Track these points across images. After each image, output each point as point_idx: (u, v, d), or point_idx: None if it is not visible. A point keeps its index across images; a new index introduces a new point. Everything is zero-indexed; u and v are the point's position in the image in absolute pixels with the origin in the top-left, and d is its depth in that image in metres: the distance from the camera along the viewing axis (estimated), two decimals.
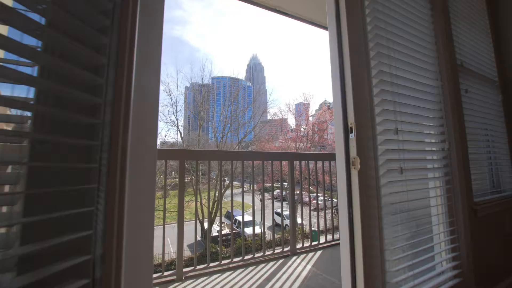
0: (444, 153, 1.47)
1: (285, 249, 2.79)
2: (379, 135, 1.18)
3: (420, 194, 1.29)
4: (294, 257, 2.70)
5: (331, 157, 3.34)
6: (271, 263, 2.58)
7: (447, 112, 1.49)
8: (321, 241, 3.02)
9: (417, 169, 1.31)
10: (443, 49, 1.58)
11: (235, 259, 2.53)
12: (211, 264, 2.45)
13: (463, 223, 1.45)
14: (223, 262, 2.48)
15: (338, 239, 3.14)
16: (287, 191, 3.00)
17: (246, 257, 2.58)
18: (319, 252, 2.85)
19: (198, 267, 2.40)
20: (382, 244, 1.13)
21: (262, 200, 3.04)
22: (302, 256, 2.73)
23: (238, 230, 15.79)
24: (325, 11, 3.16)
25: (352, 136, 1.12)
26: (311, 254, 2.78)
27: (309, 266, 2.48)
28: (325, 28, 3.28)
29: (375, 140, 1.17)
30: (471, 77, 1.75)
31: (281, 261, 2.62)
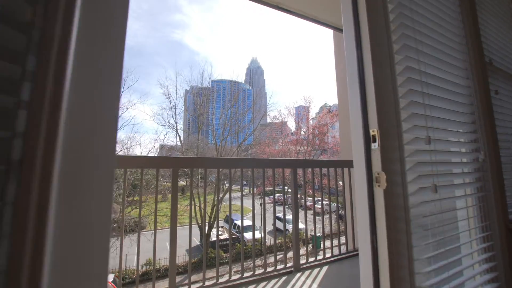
0: (477, 165, 1.25)
1: (288, 265, 2.55)
2: (407, 144, 0.96)
3: (455, 215, 1.08)
4: (298, 274, 2.46)
5: (335, 164, 3.12)
6: (273, 281, 2.35)
7: (479, 116, 1.28)
8: (326, 255, 2.78)
9: (453, 186, 1.09)
10: (471, 43, 1.37)
11: (233, 277, 2.30)
12: (207, 283, 2.21)
13: (501, 246, 1.23)
14: (221, 280, 2.25)
15: (344, 253, 2.91)
16: (288, 195, 2.78)
17: (245, 274, 2.35)
18: (325, 268, 2.61)
19: (192, 286, 2.17)
20: (413, 279, 0.92)
21: (263, 205, 2.80)
22: (307, 273, 2.50)
23: (238, 235, 15.44)
24: (331, 8, 2.96)
25: (375, 146, 0.91)
26: (316, 271, 2.55)
27: (315, 286, 2.25)
28: (330, 26, 3.09)
29: (402, 151, 0.96)
30: (500, 77, 1.55)
31: (284, 278, 2.39)
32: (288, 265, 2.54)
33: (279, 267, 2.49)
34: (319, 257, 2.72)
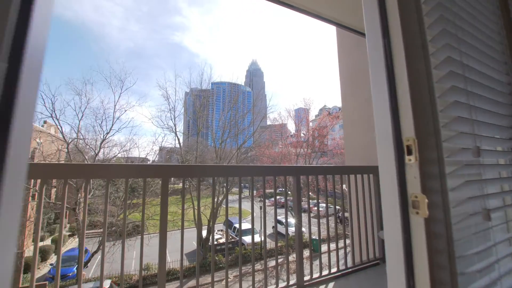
0: None
1: (291, 282, 2.33)
2: (449, 157, 0.75)
3: (507, 248, 0.86)
4: None
5: (341, 170, 2.92)
6: None
7: None
8: (332, 270, 2.56)
9: (505, 207, 0.88)
10: (506, 34, 1.17)
11: None
12: None
13: None
14: None
15: (351, 267, 2.68)
16: (289, 198, 2.57)
17: None
18: (330, 285, 2.39)
19: None
20: None
21: (263, 208, 2.55)
22: None
23: (237, 238, 15.13)
24: (335, 3, 2.76)
25: (411, 160, 0.70)
26: None
27: None
28: (333, 22, 2.90)
29: (443, 165, 0.75)
30: None
31: None
32: (291, 282, 2.32)
33: (281, 285, 2.25)
34: (324, 272, 2.49)
